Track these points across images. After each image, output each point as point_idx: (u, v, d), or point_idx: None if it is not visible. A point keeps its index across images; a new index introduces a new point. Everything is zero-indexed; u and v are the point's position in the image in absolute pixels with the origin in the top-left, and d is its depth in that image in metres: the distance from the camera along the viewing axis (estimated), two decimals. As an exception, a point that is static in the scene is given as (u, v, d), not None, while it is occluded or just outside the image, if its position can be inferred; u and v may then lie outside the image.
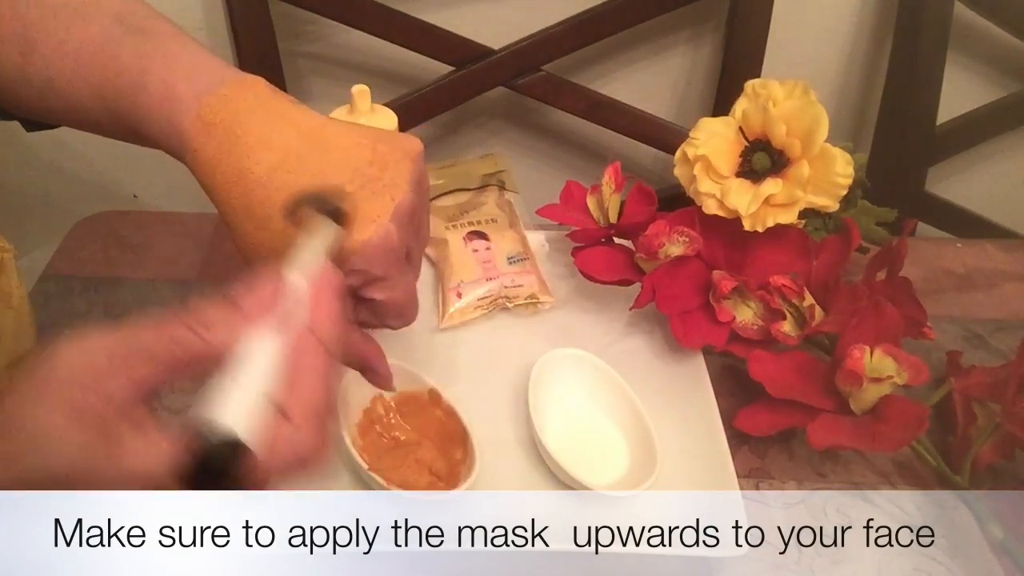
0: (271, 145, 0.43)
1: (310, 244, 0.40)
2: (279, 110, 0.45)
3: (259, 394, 0.34)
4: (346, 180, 0.43)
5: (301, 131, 0.44)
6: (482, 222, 0.72)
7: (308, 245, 0.40)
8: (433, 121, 1.04)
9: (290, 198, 0.42)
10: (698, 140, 0.63)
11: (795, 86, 0.62)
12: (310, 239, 0.40)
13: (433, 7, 0.98)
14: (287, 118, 0.45)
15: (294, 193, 0.42)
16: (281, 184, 0.43)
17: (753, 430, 0.59)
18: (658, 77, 1.09)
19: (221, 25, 0.96)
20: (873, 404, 0.56)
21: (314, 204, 0.41)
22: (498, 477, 0.55)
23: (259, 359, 0.34)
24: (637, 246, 0.64)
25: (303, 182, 0.43)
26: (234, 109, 0.44)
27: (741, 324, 0.62)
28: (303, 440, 0.34)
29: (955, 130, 1.05)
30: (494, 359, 0.64)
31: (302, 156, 0.44)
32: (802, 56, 1.06)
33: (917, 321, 0.59)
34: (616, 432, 0.59)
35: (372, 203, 0.43)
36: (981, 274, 0.76)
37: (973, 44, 1.05)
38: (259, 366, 0.34)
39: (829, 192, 0.60)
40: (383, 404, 0.58)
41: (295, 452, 0.34)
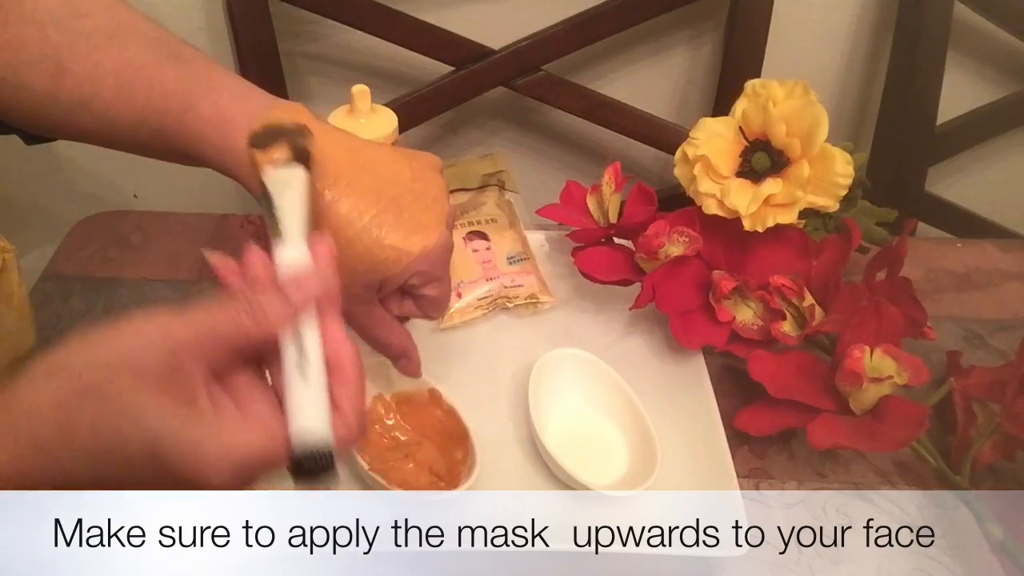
0: (326, 160, 0.45)
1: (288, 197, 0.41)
2: (325, 130, 0.47)
3: (325, 391, 0.37)
4: (400, 195, 0.47)
5: (349, 150, 0.48)
6: (482, 222, 0.72)
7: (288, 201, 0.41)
8: (433, 121, 1.04)
9: (262, 127, 0.44)
10: (698, 140, 0.63)
11: (795, 86, 0.62)
12: (287, 191, 0.42)
13: (433, 7, 0.99)
14: (333, 138, 0.48)
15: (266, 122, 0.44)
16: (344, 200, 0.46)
17: (753, 430, 0.59)
18: (658, 77, 1.09)
19: (221, 25, 0.96)
20: (873, 404, 0.56)
21: (286, 139, 0.43)
22: (498, 477, 0.55)
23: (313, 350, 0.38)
24: (637, 246, 0.64)
25: (372, 193, 0.46)
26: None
27: (741, 324, 0.62)
28: (352, 428, 0.37)
29: (955, 130, 1.05)
30: (494, 359, 0.64)
31: (357, 174, 0.47)
32: (802, 56, 1.06)
33: (917, 321, 0.59)
34: (616, 432, 0.59)
35: (427, 214, 0.48)
36: (981, 274, 0.76)
37: (973, 44, 1.05)
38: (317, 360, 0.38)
39: (829, 192, 0.60)
40: (383, 404, 0.58)
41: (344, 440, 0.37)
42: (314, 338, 0.38)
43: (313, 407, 0.37)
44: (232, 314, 0.36)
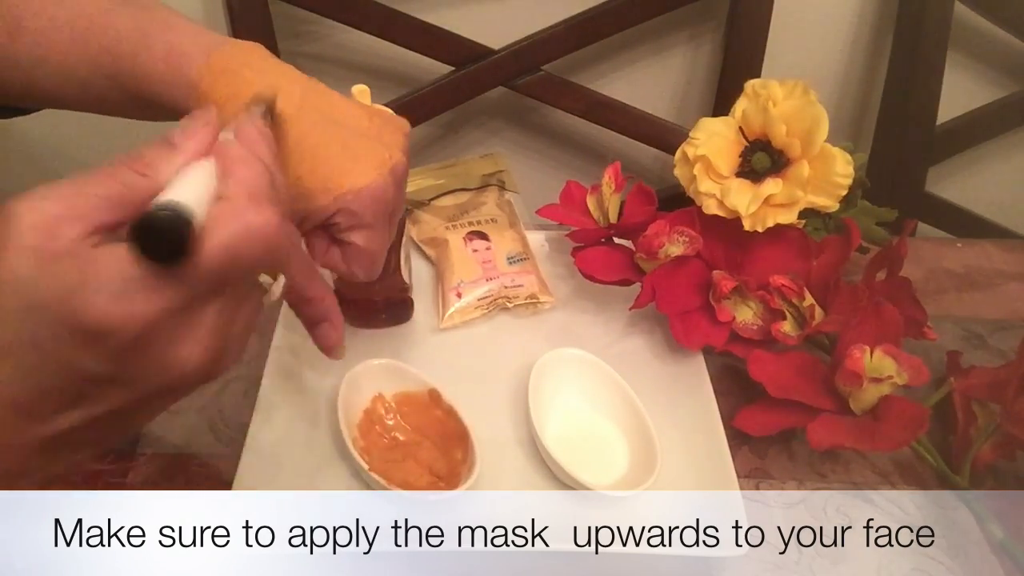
0: (282, 88, 0.45)
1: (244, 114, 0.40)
2: (281, 66, 0.48)
3: (195, 188, 0.33)
4: (347, 136, 0.46)
5: (303, 84, 0.47)
6: (482, 222, 0.72)
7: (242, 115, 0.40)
8: (433, 121, 1.04)
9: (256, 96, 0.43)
10: (698, 140, 0.63)
11: (795, 86, 0.62)
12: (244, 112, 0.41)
13: (433, 7, 0.99)
14: (289, 73, 0.47)
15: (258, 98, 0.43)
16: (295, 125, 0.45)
17: (753, 430, 0.59)
18: (658, 77, 1.09)
19: (221, 25, 0.96)
20: (873, 404, 0.56)
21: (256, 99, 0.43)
22: (498, 477, 0.55)
23: (196, 171, 0.34)
24: (637, 246, 0.64)
25: (319, 125, 0.45)
26: (242, 61, 0.46)
27: (741, 324, 0.62)
28: (243, 212, 0.33)
29: (955, 130, 1.05)
30: (494, 359, 0.64)
31: (312, 102, 0.46)
32: (802, 56, 1.06)
33: (917, 321, 0.59)
34: (616, 432, 0.59)
35: (371, 155, 0.46)
36: (981, 274, 0.76)
37: (973, 44, 1.05)
38: (197, 174, 0.34)
39: (829, 192, 0.60)
40: (383, 404, 0.58)
41: (241, 225, 0.33)
42: (206, 166, 0.34)
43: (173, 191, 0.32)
44: (118, 174, 0.34)
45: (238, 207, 0.33)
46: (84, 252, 0.31)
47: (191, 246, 0.31)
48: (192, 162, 0.35)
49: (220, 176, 0.35)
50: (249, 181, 0.35)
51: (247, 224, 0.33)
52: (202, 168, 0.35)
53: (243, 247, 0.33)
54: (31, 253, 0.31)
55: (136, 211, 0.32)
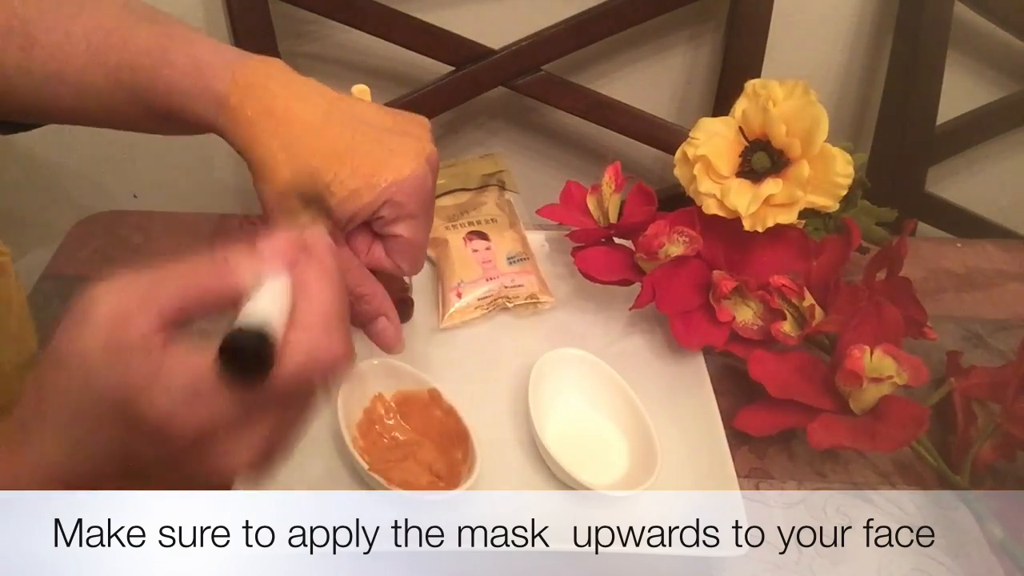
0: (310, 99, 0.46)
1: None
2: (304, 80, 0.48)
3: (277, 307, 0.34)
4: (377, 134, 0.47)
5: (327, 97, 0.48)
6: (482, 222, 0.72)
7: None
8: (433, 121, 1.03)
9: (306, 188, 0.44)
10: (698, 140, 0.63)
11: (795, 86, 0.62)
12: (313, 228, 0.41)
13: (433, 7, 0.99)
14: (313, 86, 0.48)
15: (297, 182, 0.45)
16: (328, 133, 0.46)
17: (753, 430, 0.59)
18: (658, 77, 1.09)
19: (221, 25, 0.96)
20: (873, 404, 0.56)
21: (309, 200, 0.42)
22: (498, 477, 0.55)
23: (275, 286, 0.35)
24: (637, 246, 0.64)
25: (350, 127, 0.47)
26: (266, 74, 0.47)
27: (741, 324, 0.62)
28: (318, 340, 0.35)
29: (955, 130, 1.05)
30: (494, 359, 0.64)
31: (340, 111, 0.47)
32: (802, 56, 1.06)
33: (917, 321, 0.59)
34: (616, 432, 0.59)
35: (406, 147, 0.48)
36: (981, 274, 0.76)
37: (973, 44, 1.05)
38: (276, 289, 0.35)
39: (829, 192, 0.60)
40: (383, 404, 0.58)
41: (316, 354, 0.34)
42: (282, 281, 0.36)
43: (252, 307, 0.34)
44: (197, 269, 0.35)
45: (314, 337, 0.34)
46: (155, 348, 0.33)
47: (271, 368, 0.33)
48: (270, 275, 0.35)
49: (297, 293, 0.35)
50: (325, 307, 0.35)
51: (321, 353, 0.34)
52: (280, 284, 0.35)
53: (315, 374, 0.35)
54: (103, 340, 0.33)
55: (206, 311, 0.34)
